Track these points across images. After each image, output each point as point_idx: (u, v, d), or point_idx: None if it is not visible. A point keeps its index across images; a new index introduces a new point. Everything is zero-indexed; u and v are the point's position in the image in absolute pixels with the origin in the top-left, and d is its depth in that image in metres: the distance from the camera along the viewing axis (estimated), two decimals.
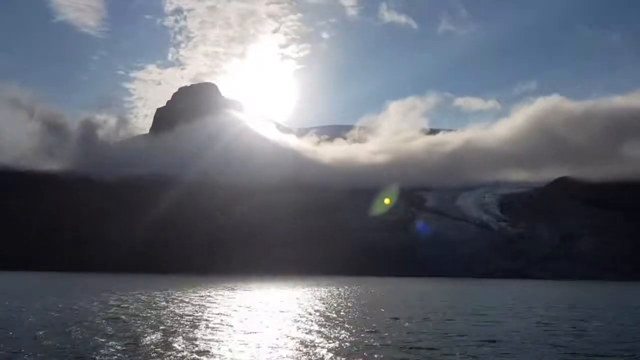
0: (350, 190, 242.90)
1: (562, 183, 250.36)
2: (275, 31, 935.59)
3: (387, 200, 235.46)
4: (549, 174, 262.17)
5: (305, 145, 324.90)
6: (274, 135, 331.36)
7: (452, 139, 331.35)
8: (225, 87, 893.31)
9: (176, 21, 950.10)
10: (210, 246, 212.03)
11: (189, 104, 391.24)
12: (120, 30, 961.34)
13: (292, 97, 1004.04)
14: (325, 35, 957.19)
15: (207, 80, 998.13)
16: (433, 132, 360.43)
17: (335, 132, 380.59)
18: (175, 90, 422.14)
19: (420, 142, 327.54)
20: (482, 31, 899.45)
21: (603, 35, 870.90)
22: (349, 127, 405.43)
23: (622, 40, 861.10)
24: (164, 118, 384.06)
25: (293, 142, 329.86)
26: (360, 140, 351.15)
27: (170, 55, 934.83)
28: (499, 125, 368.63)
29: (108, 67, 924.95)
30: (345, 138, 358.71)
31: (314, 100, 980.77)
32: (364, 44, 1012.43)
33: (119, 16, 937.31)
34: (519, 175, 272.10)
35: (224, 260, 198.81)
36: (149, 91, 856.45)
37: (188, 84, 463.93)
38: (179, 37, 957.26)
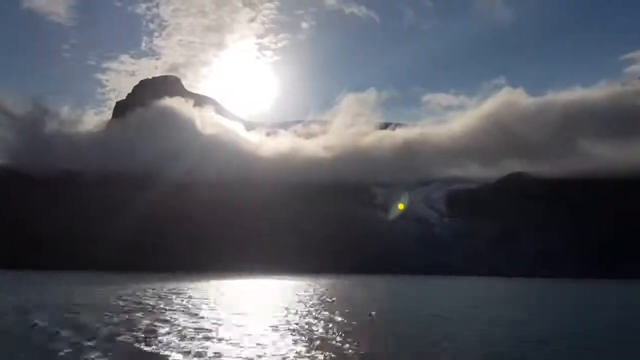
0: (293, 185, 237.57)
1: (512, 179, 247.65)
2: (252, 20, 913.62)
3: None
4: (501, 169, 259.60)
5: (253, 140, 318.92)
6: (222, 130, 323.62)
7: (406, 134, 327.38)
8: (201, 78, 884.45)
9: (148, 9, 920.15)
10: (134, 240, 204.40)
11: (147, 98, 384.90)
12: (90, 18, 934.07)
13: (270, 90, 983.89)
14: (304, 25, 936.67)
15: (183, 70, 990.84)
16: (386, 126, 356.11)
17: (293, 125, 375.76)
18: None
19: (373, 137, 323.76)
20: (463, 27, 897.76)
21: (572, 31, 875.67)
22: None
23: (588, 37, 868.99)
24: (121, 111, 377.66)
25: (239, 137, 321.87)
26: (311, 134, 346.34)
27: (143, 44, 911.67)
28: (454, 120, 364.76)
29: (79, 57, 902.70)
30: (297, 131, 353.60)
31: (294, 94, 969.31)
32: (346, 35, 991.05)
33: (88, 3, 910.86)
34: (472, 171, 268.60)
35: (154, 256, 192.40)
36: (122, 82, 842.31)
37: (150, 77, 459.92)
38: (151, 26, 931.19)
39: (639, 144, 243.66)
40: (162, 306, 49.15)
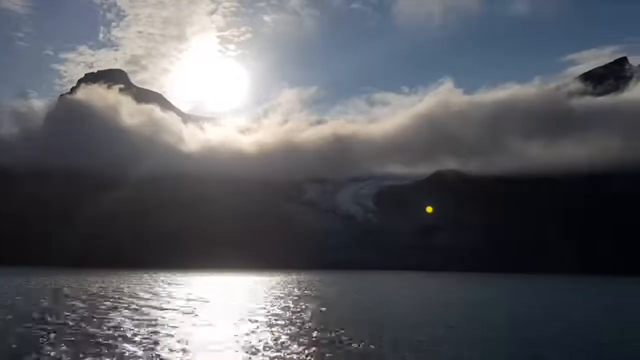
0: (221, 180, 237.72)
1: (440, 176, 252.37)
2: (212, 12, 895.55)
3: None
4: (433, 166, 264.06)
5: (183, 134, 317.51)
6: (156, 125, 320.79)
7: (340, 131, 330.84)
8: (162, 71, 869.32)
9: None
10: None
11: (90, 92, 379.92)
12: (46, 6, 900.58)
13: (228, 84, 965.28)
14: (266, 18, 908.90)
15: (144, 62, 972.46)
16: (321, 122, 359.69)
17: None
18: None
19: (307, 133, 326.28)
20: (414, 28, 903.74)
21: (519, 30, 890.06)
22: None
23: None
24: (63, 105, 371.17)
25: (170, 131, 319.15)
26: (245, 129, 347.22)
27: (101, 35, 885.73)
28: (390, 118, 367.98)
29: (35, 47, 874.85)
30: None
31: (257, 87, 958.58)
32: (309, 29, 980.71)
33: None
34: (404, 168, 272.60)
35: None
36: (82, 74, 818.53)
37: (95, 70, 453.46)
38: (109, 15, 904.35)
39: (566, 144, 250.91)
40: None
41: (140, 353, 26.64)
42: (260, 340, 30.94)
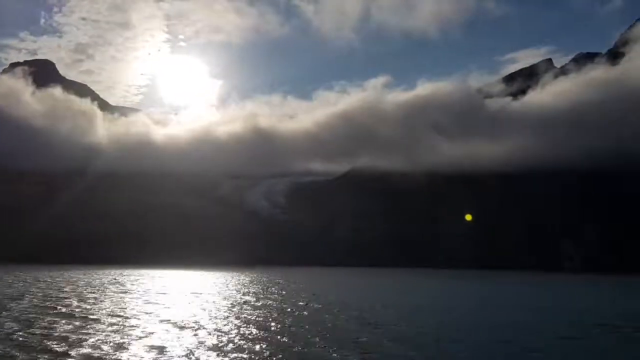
0: (133, 174, 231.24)
1: (354, 172, 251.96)
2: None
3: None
4: (350, 163, 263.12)
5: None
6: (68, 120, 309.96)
7: (262, 127, 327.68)
8: (109, 59, 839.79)
9: None
10: None
11: (11, 84, 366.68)
12: None
13: (171, 76, 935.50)
14: (217, 7, 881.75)
15: (91, 51, 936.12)
16: (245, 118, 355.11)
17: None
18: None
19: (227, 128, 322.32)
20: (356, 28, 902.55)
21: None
22: None
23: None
24: None
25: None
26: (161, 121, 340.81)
27: (42, 20, 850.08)
28: (309, 114, 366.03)
29: None
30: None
31: (187, 79, 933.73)
32: (253, 24, 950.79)
33: None
34: (321, 165, 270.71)
35: None
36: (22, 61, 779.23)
37: (22, 60, 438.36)
38: (49, 0, 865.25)
39: (479, 143, 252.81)
40: None
41: None
42: None
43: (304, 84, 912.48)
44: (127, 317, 38.81)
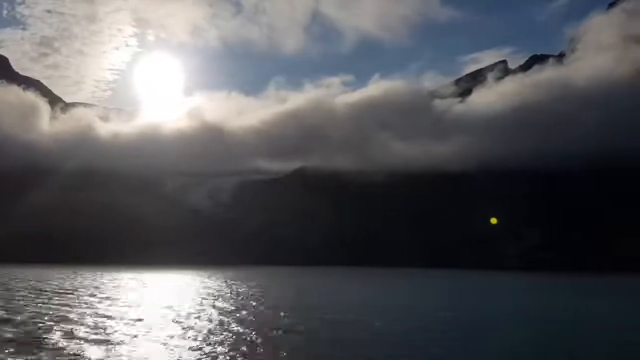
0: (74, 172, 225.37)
1: (302, 171, 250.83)
2: None
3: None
4: (299, 162, 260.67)
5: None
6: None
7: (209, 124, 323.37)
8: (75, 54, 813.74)
9: None
10: None
11: None
12: None
13: (145, 74, 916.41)
14: (183, 2, 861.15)
15: (57, 45, 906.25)
16: (193, 115, 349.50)
17: None
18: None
19: (174, 125, 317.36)
20: None
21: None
22: None
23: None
24: None
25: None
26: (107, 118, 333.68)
27: (5, 12, 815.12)
28: (259, 113, 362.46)
29: None
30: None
31: (169, 76, 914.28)
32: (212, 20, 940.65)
33: None
34: (269, 164, 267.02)
35: None
36: None
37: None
38: None
39: (426, 143, 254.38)
40: None
41: None
42: None
43: (256, 82, 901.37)
44: None
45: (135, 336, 29.09)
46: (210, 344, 27.51)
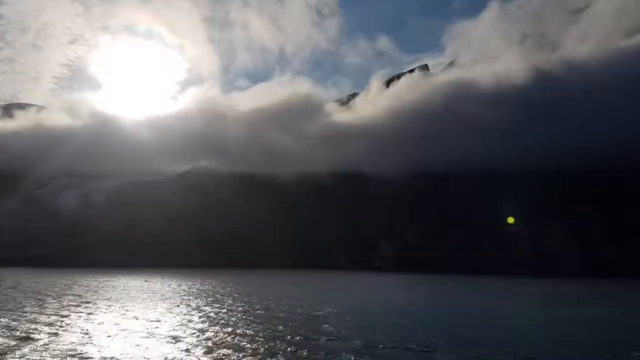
0: None
1: (190, 173, 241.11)
2: None
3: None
4: (188, 164, 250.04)
5: None
6: None
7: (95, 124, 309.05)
8: (25, 49, 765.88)
9: None
10: None
11: None
12: None
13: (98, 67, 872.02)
14: None
15: (9, 38, 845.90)
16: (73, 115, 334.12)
17: None
18: None
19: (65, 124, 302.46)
20: None
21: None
22: None
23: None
24: None
25: None
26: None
27: None
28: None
29: None
30: None
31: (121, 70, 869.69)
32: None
33: None
34: (158, 166, 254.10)
35: None
36: None
37: None
38: None
39: (315, 146, 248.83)
40: None
41: None
42: None
43: None
44: None
45: None
46: None
